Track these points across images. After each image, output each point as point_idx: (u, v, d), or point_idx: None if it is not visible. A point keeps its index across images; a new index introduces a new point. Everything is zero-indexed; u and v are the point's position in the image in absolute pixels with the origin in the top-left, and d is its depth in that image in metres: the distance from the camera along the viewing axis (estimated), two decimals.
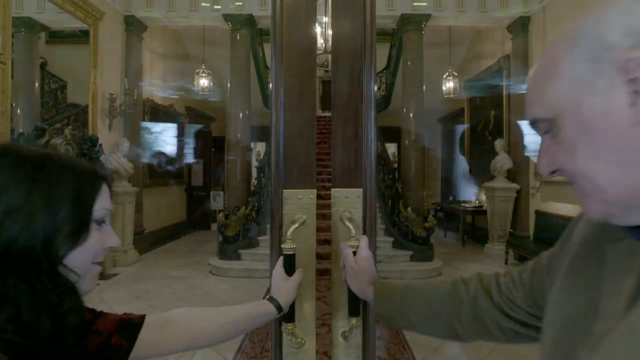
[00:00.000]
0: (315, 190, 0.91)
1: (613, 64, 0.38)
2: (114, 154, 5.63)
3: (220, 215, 5.81)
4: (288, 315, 0.86)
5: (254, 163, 6.61)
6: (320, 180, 7.35)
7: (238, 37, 6.38)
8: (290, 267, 0.84)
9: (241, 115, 6.38)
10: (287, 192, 0.86)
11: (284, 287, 0.84)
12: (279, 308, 0.83)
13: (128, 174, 5.74)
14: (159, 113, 7.39)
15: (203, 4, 6.18)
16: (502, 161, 6.25)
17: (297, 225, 0.84)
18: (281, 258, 0.85)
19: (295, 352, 0.91)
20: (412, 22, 6.26)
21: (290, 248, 0.81)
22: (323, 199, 6.45)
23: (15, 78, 4.23)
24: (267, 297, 0.85)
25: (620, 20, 0.38)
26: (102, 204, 0.58)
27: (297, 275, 0.86)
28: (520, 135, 6.26)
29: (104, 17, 5.52)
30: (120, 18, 6.15)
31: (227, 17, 6.29)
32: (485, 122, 7.65)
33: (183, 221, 8.85)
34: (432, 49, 8.20)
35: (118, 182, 5.71)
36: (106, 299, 4.22)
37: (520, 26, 6.18)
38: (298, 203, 0.88)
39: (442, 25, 6.73)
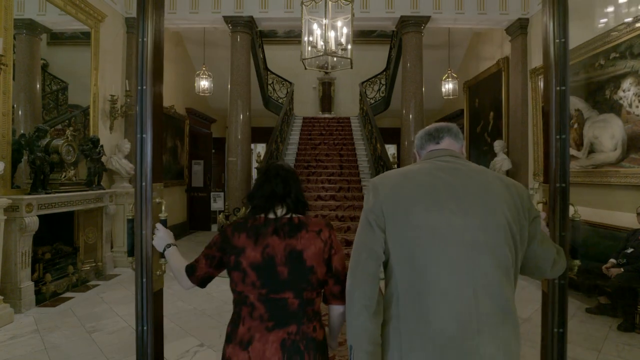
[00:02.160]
0: (162, 182, 1.47)
1: (415, 153, 1.34)
2: (115, 155, 5.66)
3: (221, 216, 5.83)
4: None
5: (254, 164, 6.63)
6: (320, 182, 7.37)
7: (238, 39, 6.41)
8: (164, 224, 1.50)
9: (241, 116, 6.41)
10: (154, 185, 1.36)
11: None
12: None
13: (129, 175, 5.76)
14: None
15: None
16: (501, 162, 6.27)
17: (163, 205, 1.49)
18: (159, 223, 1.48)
19: None
20: (412, 24, 6.28)
21: (164, 216, 1.49)
22: (322, 199, 6.53)
23: (17, 79, 4.26)
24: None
25: (416, 140, 1.32)
26: None
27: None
28: (519, 136, 6.29)
29: (105, 19, 5.55)
30: (121, 20, 6.18)
31: (227, 19, 6.32)
32: (485, 124, 7.68)
33: (184, 222, 8.87)
34: (432, 51, 8.23)
35: (119, 183, 5.74)
36: (107, 299, 4.24)
37: (519, 28, 6.21)
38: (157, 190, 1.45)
39: (441, 27, 6.76)
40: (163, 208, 1.36)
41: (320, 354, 1.25)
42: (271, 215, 1.28)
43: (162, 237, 1.46)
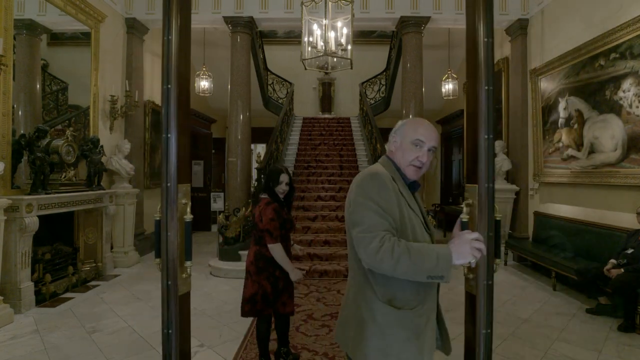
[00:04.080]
0: (189, 184, 1.38)
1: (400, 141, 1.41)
2: (115, 155, 5.66)
3: (221, 217, 5.82)
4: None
5: (254, 164, 6.63)
6: (320, 182, 7.37)
7: (238, 39, 6.41)
8: (189, 227, 1.43)
9: (241, 116, 6.41)
10: (180, 186, 1.30)
11: None
12: None
13: (129, 175, 5.76)
14: (160, 115, 7.40)
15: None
16: (501, 163, 6.27)
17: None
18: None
19: None
20: (412, 24, 6.29)
21: (189, 218, 1.37)
22: (323, 200, 6.55)
23: (17, 80, 4.26)
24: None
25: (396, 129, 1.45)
26: (281, 179, 2.60)
27: None
28: (519, 136, 6.28)
29: (106, 19, 5.55)
30: (121, 20, 6.18)
31: (227, 20, 6.32)
32: None
33: None
34: (432, 51, 8.23)
35: (119, 183, 5.73)
36: (107, 300, 4.24)
37: (519, 29, 6.22)
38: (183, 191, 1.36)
39: (441, 27, 6.76)
40: (188, 210, 1.32)
41: (268, 263, 2.53)
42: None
43: None
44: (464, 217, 1.36)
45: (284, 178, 2.59)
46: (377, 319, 1.27)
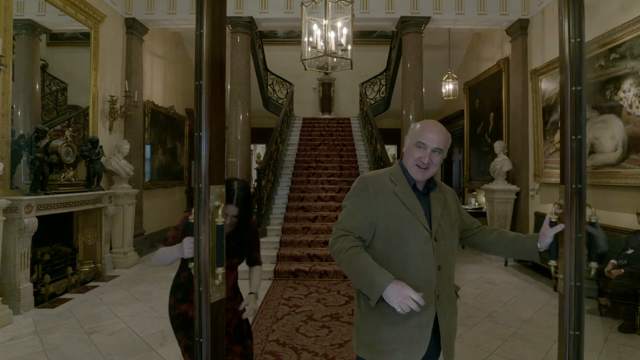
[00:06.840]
0: (224, 185, 1.25)
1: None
2: (114, 156, 5.65)
3: None
4: None
5: (254, 165, 6.62)
6: (320, 183, 7.36)
7: (238, 40, 6.41)
8: (220, 230, 1.24)
9: (241, 117, 6.40)
10: (212, 187, 1.24)
11: None
12: None
13: (128, 176, 5.75)
14: (159, 115, 7.40)
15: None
16: (502, 163, 6.26)
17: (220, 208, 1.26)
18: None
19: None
20: (412, 24, 6.28)
21: (221, 222, 1.21)
22: (323, 200, 6.53)
23: (16, 80, 4.24)
24: None
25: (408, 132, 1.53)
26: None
27: None
28: (519, 137, 6.28)
29: (105, 19, 5.54)
30: (121, 20, 6.17)
31: (227, 20, 6.32)
32: (485, 124, 7.67)
33: None
34: (432, 51, 8.24)
35: (118, 184, 5.73)
36: (106, 301, 4.22)
37: (519, 29, 6.21)
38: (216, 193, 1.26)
39: (441, 27, 6.76)
40: (220, 212, 1.25)
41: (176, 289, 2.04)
42: None
43: None
44: (553, 216, 1.39)
45: (230, 210, 1.74)
46: (361, 304, 1.45)
